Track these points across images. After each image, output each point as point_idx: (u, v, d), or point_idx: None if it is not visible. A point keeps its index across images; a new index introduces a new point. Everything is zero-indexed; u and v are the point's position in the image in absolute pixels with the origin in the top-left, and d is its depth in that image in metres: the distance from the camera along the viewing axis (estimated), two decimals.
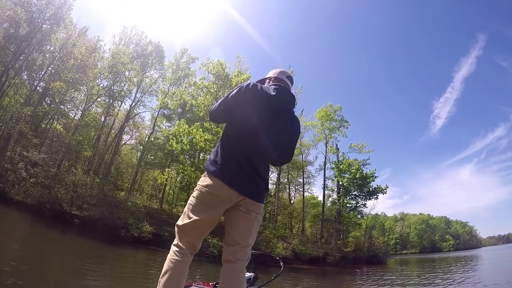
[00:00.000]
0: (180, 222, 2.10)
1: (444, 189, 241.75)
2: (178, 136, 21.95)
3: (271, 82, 2.39)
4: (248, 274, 2.84)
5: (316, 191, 60.78)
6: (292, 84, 2.47)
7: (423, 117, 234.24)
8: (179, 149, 21.72)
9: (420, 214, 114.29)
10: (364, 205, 33.72)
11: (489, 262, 30.81)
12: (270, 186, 35.26)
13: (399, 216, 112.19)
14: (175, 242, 2.07)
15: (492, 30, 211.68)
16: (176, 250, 2.02)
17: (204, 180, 2.08)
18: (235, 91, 2.14)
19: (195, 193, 2.10)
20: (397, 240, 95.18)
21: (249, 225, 2.10)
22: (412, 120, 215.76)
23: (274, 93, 2.16)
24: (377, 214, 37.45)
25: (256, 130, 2.08)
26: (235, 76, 23.35)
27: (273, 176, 35.49)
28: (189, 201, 2.12)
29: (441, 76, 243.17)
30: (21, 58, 22.66)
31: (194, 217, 2.03)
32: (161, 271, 1.98)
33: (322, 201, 35.18)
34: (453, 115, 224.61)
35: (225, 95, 2.20)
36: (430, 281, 15.35)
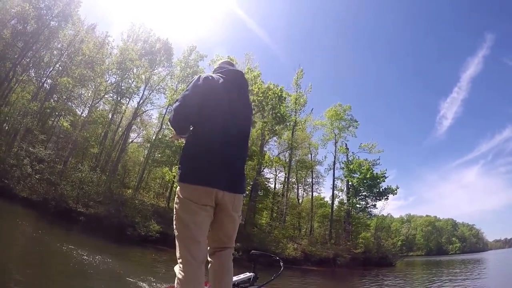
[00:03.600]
0: (176, 233, 2.00)
1: (450, 191, 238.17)
2: None
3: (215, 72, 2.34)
4: (248, 274, 2.93)
5: (324, 191, 60.26)
6: (232, 66, 2.41)
7: (429, 117, 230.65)
8: None
9: (427, 216, 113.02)
10: (374, 205, 33.30)
11: (499, 265, 30.29)
12: (278, 186, 35.32)
13: (405, 218, 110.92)
14: (177, 255, 1.96)
15: (499, 29, 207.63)
16: (183, 263, 1.91)
17: (182, 189, 2.01)
18: (191, 84, 2.11)
19: (180, 195, 2.01)
20: (403, 242, 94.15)
21: (232, 222, 2.12)
22: (418, 120, 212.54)
23: (224, 75, 2.20)
24: (383, 215, 36.76)
25: (220, 120, 2.06)
26: (245, 73, 22.91)
27: (281, 176, 35.15)
28: (176, 208, 2.03)
29: (448, 76, 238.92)
30: (29, 54, 22.51)
31: (189, 225, 1.95)
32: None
33: (331, 201, 34.70)
34: (460, 115, 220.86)
35: (182, 93, 2.13)
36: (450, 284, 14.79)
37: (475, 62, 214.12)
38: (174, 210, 2.04)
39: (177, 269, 1.93)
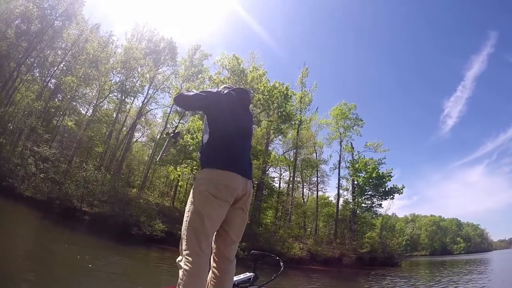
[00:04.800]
0: (188, 224, 1.99)
1: (454, 190, 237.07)
2: (192, 132, 21.47)
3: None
4: (248, 274, 2.92)
5: (329, 191, 60.04)
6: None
7: (433, 116, 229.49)
8: (194, 144, 21.20)
9: (431, 215, 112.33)
10: (380, 205, 33.05)
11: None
12: (283, 185, 35.32)
13: (409, 218, 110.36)
14: (184, 247, 1.94)
15: (503, 27, 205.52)
16: (191, 255, 1.89)
17: (211, 173, 2.02)
18: (212, 90, 2.36)
19: (201, 188, 2.00)
20: (408, 242, 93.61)
21: (243, 222, 2.19)
22: (422, 119, 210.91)
23: (233, 92, 2.42)
24: (388, 215, 36.53)
25: (237, 123, 2.26)
26: (250, 71, 22.77)
27: (285, 175, 35.01)
28: (194, 200, 2.02)
29: (452, 74, 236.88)
30: (33, 54, 22.50)
31: (204, 219, 1.95)
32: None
33: (336, 201, 34.47)
34: (464, 114, 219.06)
35: (202, 91, 2.31)
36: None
37: (479, 60, 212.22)
38: (190, 203, 2.03)
39: (182, 260, 1.91)
